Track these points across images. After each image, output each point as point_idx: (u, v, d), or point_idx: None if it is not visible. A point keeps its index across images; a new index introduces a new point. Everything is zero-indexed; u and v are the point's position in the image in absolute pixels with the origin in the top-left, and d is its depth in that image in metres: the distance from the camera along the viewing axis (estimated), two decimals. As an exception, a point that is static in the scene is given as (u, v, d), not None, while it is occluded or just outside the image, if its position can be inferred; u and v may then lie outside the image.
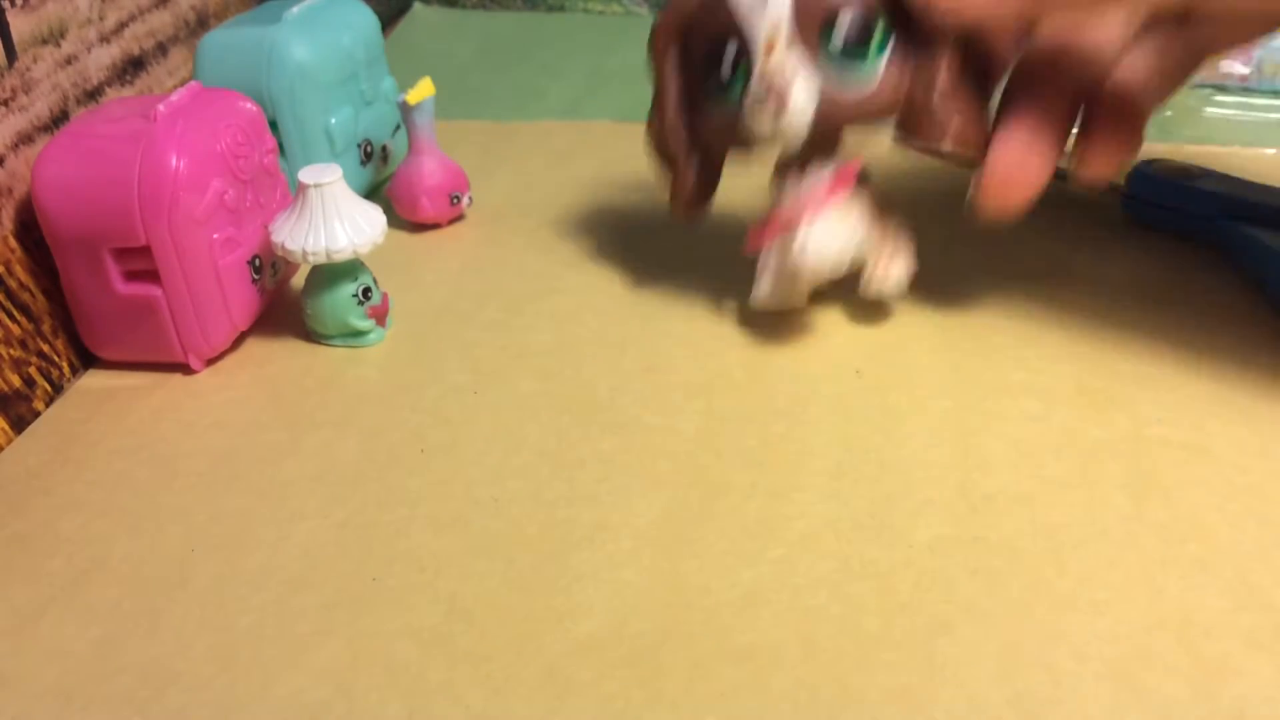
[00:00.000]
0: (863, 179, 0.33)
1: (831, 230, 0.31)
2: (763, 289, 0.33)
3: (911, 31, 0.30)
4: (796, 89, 0.29)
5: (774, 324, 0.36)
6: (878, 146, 0.33)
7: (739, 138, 0.31)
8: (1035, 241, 0.40)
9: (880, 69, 0.30)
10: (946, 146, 0.30)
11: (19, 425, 0.33)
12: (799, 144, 0.31)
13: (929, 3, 0.29)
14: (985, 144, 0.31)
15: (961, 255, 0.39)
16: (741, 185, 0.36)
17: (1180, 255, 0.39)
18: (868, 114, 0.30)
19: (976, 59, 0.30)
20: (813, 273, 0.32)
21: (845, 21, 0.29)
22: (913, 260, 0.34)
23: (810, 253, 0.31)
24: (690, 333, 0.36)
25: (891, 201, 0.34)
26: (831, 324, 0.36)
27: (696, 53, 0.32)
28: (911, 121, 0.31)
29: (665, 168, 0.34)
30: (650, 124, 0.34)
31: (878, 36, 0.30)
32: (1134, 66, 0.32)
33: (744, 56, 0.30)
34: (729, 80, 0.31)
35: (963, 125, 0.30)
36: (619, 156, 0.47)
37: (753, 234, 0.33)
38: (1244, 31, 0.33)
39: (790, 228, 0.32)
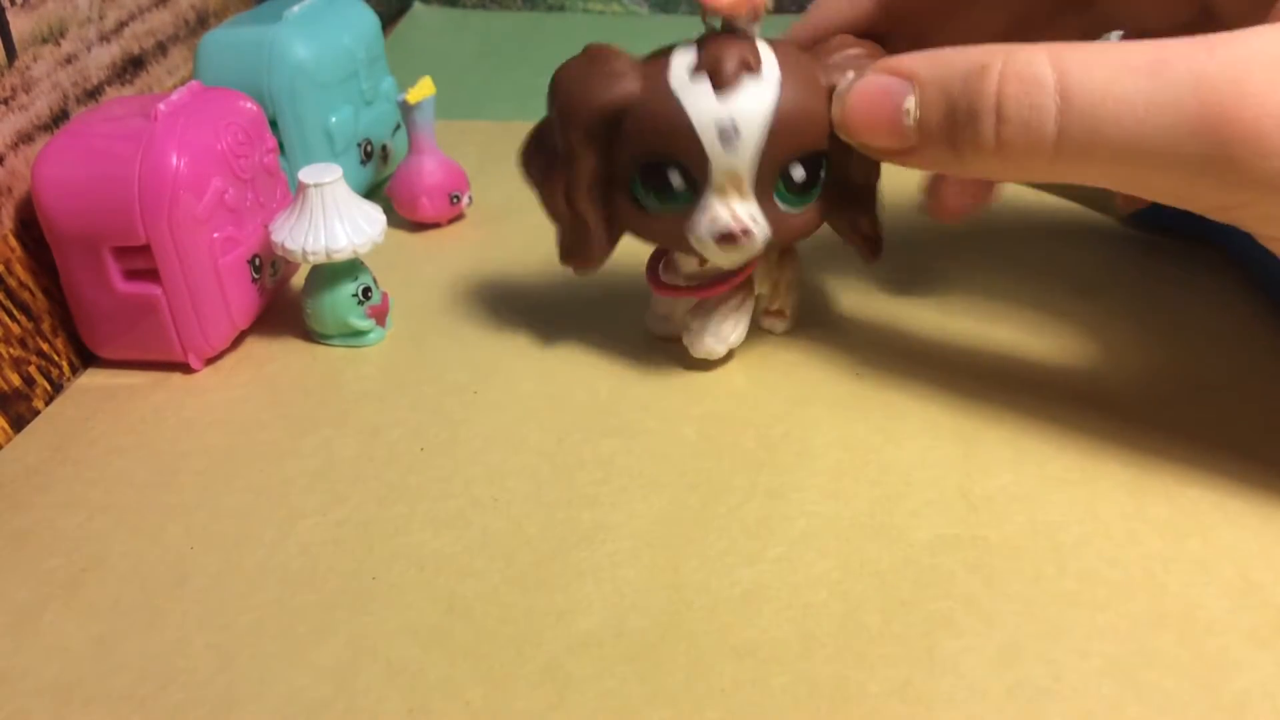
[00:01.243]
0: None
1: (728, 316, 0.33)
2: (655, 322, 0.35)
3: (846, 160, 0.30)
4: (756, 235, 0.30)
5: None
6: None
7: (676, 241, 0.31)
8: (1034, 241, 0.40)
9: (814, 200, 0.31)
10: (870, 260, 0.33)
11: (18, 424, 0.33)
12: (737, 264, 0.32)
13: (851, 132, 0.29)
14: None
15: (960, 256, 0.39)
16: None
17: (1180, 255, 0.39)
18: (801, 236, 0.32)
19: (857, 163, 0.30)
20: (707, 354, 0.33)
21: (796, 174, 0.30)
22: (797, 307, 0.35)
23: (706, 337, 0.33)
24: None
25: (793, 252, 0.35)
26: (831, 325, 0.36)
27: (633, 147, 0.30)
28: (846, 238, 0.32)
29: (565, 225, 0.33)
30: (551, 182, 0.32)
31: (820, 179, 0.30)
32: None
33: (694, 178, 0.29)
34: (672, 196, 0.30)
35: (879, 245, 0.32)
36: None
37: (653, 275, 0.34)
38: None
39: (688, 297, 0.33)
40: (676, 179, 0.30)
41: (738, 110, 0.28)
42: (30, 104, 0.36)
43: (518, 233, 0.42)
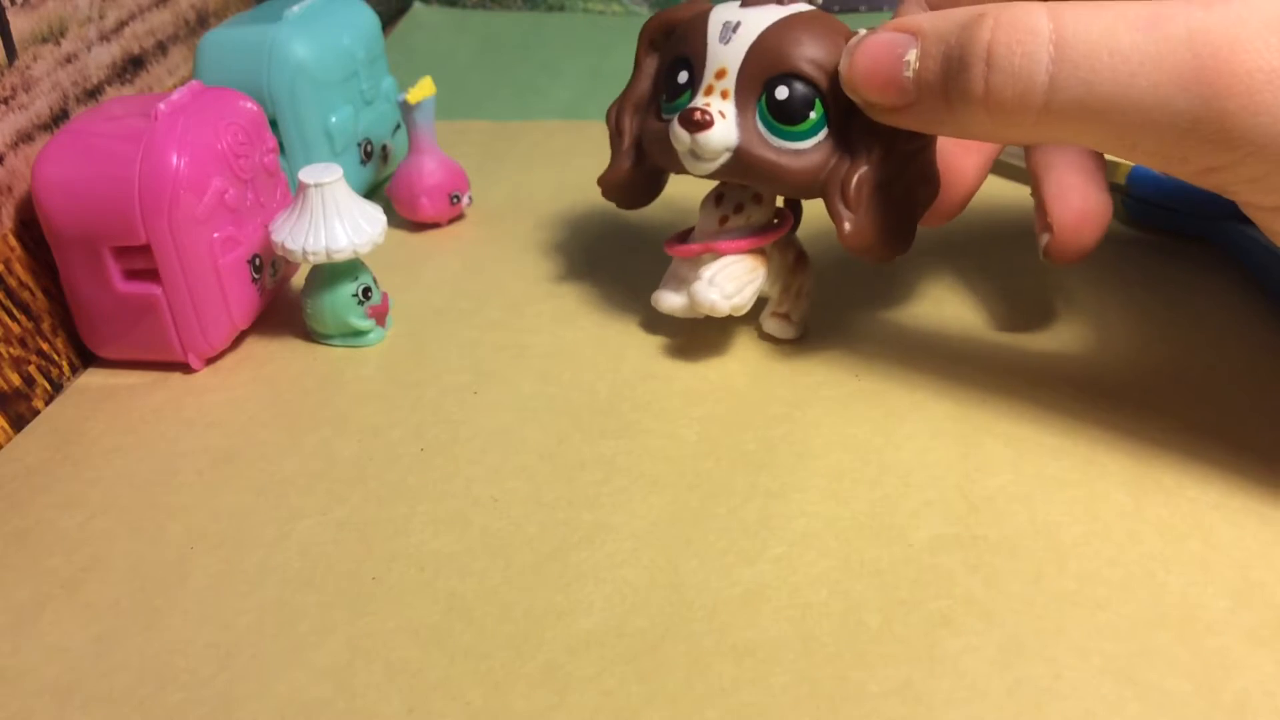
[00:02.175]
0: (786, 240, 0.34)
1: (737, 276, 0.32)
2: (665, 294, 0.34)
3: (851, 128, 0.30)
4: (717, 125, 0.30)
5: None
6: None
7: (664, 148, 0.32)
8: (1034, 242, 0.40)
9: (805, 147, 0.30)
10: (842, 242, 0.31)
11: (18, 424, 0.33)
12: (708, 173, 0.31)
13: (849, 81, 0.29)
14: (883, 246, 0.31)
15: (960, 256, 0.39)
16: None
17: (1180, 255, 0.39)
18: (785, 183, 0.31)
19: (893, 166, 0.30)
20: (706, 307, 0.32)
21: (779, 94, 0.30)
22: (805, 316, 0.35)
23: (712, 288, 0.32)
24: (690, 334, 0.36)
25: (808, 261, 0.35)
26: (830, 327, 0.36)
27: (666, 58, 0.33)
28: (829, 206, 0.31)
29: (612, 144, 0.35)
30: (616, 102, 0.35)
31: (811, 120, 0.30)
32: None
33: (696, 78, 0.31)
34: (679, 94, 0.32)
35: (859, 227, 0.30)
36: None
37: (672, 241, 0.34)
38: None
39: (703, 254, 0.33)
40: (683, 75, 0.32)
41: (746, 15, 0.31)
42: (30, 103, 0.36)
43: (518, 233, 0.43)
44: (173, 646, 0.25)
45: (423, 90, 0.41)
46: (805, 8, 0.31)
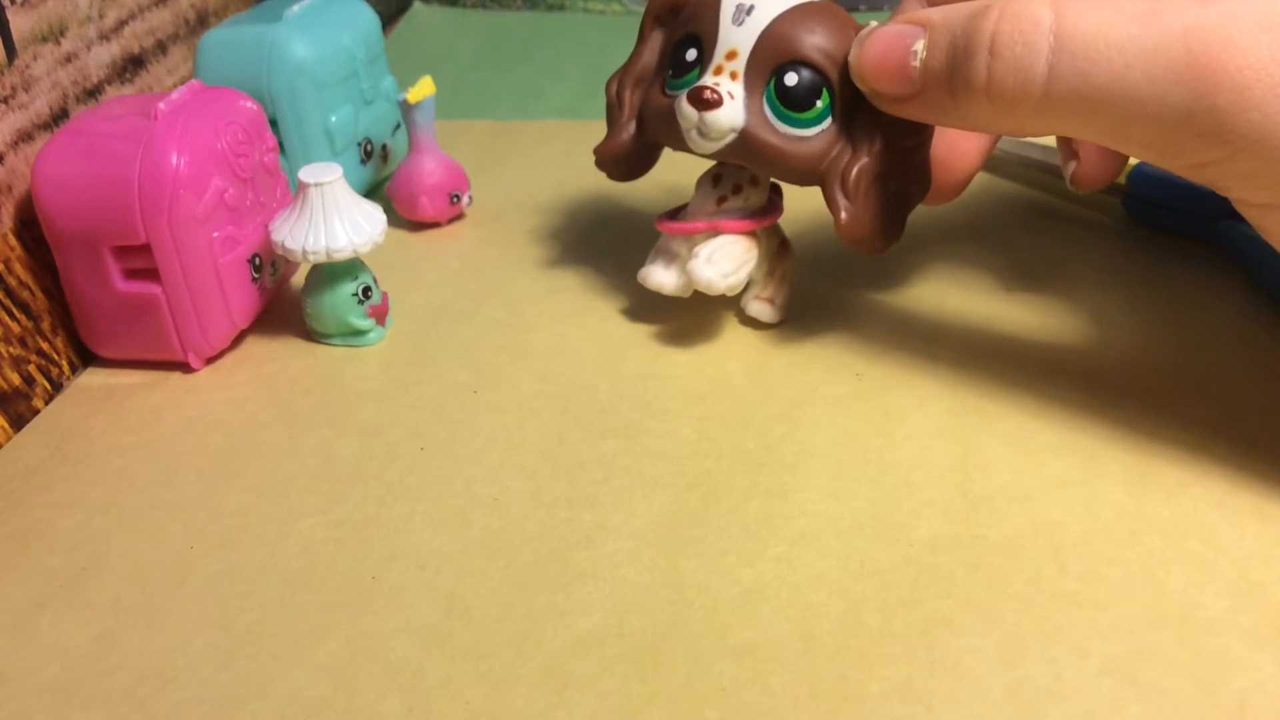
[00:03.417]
0: (772, 225, 0.35)
1: (734, 256, 0.33)
2: (654, 270, 0.34)
3: (855, 120, 0.31)
4: (726, 105, 0.30)
5: (774, 327, 0.36)
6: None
7: (666, 123, 0.32)
8: (1035, 241, 0.40)
9: (809, 134, 0.31)
10: (839, 231, 0.31)
11: (18, 423, 0.33)
12: (710, 152, 0.32)
13: (858, 71, 0.30)
14: (877, 238, 0.31)
15: (960, 256, 0.39)
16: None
17: (1181, 255, 0.39)
18: (787, 168, 0.31)
19: (891, 160, 0.31)
20: (703, 284, 0.33)
21: (788, 79, 0.30)
22: (787, 301, 0.36)
23: (710, 266, 0.32)
24: (690, 335, 0.36)
25: (790, 247, 0.35)
26: (830, 327, 0.36)
27: (674, 34, 0.33)
28: (827, 195, 0.31)
29: (609, 116, 0.35)
30: (617, 73, 0.35)
31: (817, 108, 0.31)
32: None
33: (705, 57, 0.31)
34: (686, 71, 0.32)
35: (856, 217, 0.31)
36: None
37: (664, 219, 0.34)
38: None
39: (698, 232, 0.33)
40: (691, 53, 0.32)
41: (760, 1, 0.31)
42: (30, 103, 0.36)
43: (518, 232, 0.42)
44: (173, 646, 0.25)
45: (423, 90, 0.41)
46: None
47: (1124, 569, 0.26)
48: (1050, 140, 0.40)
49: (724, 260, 0.32)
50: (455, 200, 0.43)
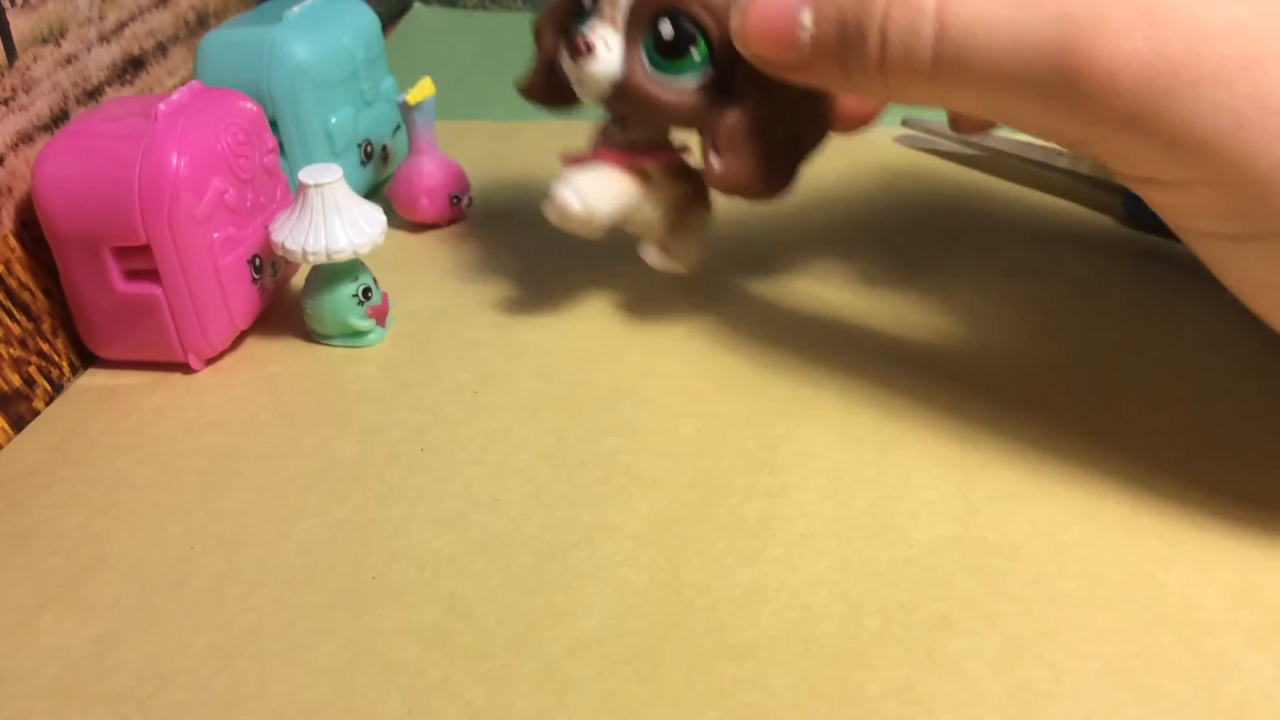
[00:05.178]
0: (678, 172, 0.34)
1: (599, 185, 0.33)
2: (558, 190, 0.34)
3: (735, 71, 0.31)
4: (599, 55, 0.31)
5: (774, 327, 0.36)
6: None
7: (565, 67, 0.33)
8: (1035, 242, 0.40)
9: (686, 84, 0.31)
10: (708, 181, 0.31)
11: (18, 424, 0.33)
12: (593, 99, 0.32)
13: (740, 35, 0.30)
14: (758, 187, 0.32)
15: (961, 256, 0.39)
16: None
17: (1180, 255, 0.38)
18: (663, 116, 0.32)
19: (777, 109, 0.31)
20: (560, 202, 0.33)
21: (663, 29, 0.31)
22: (691, 254, 0.36)
23: (568, 188, 0.33)
24: (690, 334, 0.36)
25: (707, 203, 0.35)
26: (830, 326, 0.36)
27: None
28: (701, 145, 0.31)
29: (535, 50, 0.36)
30: (544, 12, 0.35)
31: (692, 59, 0.31)
32: None
33: (599, 2, 0.32)
34: (582, 19, 0.32)
35: (728, 167, 0.31)
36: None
37: (570, 153, 0.35)
38: None
39: (573, 164, 0.34)
40: (588, 1, 0.32)
41: None
42: (30, 104, 0.36)
43: (518, 233, 0.42)
44: (173, 646, 0.25)
45: (422, 91, 0.41)
46: None
47: (1123, 570, 0.26)
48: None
49: (587, 186, 0.33)
50: (455, 201, 0.43)
